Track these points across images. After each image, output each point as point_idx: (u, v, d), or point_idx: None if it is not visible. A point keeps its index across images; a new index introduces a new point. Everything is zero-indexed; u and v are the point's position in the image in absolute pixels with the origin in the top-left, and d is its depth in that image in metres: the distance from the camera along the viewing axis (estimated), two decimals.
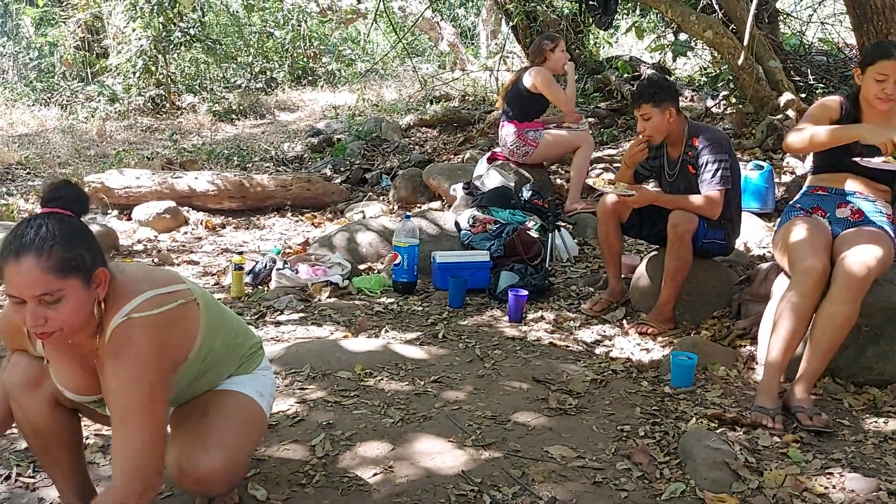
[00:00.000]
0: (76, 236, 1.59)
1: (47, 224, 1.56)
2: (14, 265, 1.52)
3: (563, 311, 3.75)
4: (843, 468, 2.27)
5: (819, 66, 7.13)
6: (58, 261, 1.53)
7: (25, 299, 1.53)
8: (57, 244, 1.54)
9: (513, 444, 2.41)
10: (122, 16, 11.31)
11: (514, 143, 5.09)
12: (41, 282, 1.52)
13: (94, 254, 1.61)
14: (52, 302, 1.54)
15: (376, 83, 12.70)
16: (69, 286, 1.55)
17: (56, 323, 1.55)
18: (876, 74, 2.82)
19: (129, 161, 7.26)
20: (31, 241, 1.53)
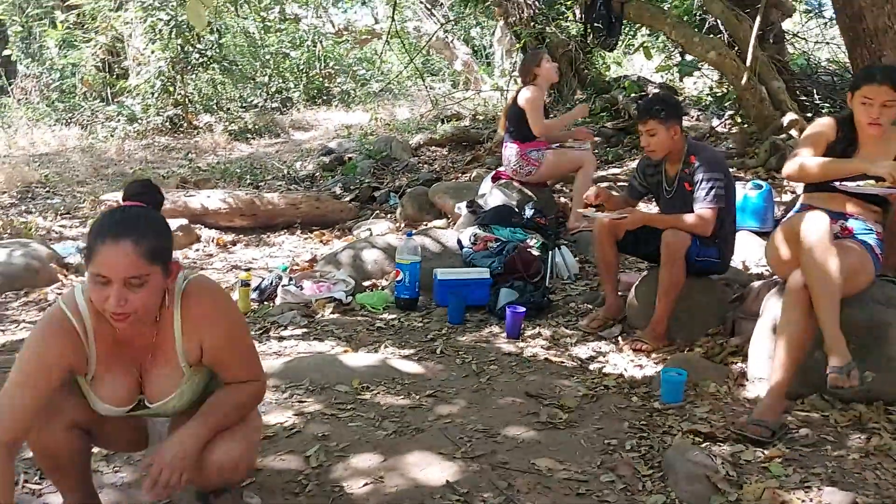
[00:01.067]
0: (164, 228, 1.77)
1: (143, 214, 1.73)
2: (112, 246, 1.63)
3: (561, 327, 3.82)
4: (822, 482, 2.31)
5: (825, 85, 7.19)
6: (150, 247, 1.66)
7: (113, 280, 1.64)
8: (150, 232, 1.69)
9: (501, 456, 2.48)
10: (142, 38, 11.59)
11: (517, 162, 5.19)
12: (134, 264, 1.64)
13: (172, 247, 1.79)
14: (136, 285, 1.66)
15: (390, 102, 12.88)
16: (154, 272, 1.68)
17: (135, 305, 1.67)
18: (862, 98, 2.88)
19: None
20: (130, 225, 1.67)
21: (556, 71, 5.35)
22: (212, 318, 1.86)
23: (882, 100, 2.83)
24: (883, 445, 2.53)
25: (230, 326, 1.90)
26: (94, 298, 1.68)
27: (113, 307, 1.65)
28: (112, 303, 1.64)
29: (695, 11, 7.66)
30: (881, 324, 2.88)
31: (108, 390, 1.86)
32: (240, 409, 1.91)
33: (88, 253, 1.67)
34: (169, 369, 1.87)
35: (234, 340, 1.91)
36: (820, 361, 2.86)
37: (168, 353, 1.86)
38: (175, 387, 1.88)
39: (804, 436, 2.64)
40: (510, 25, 9.11)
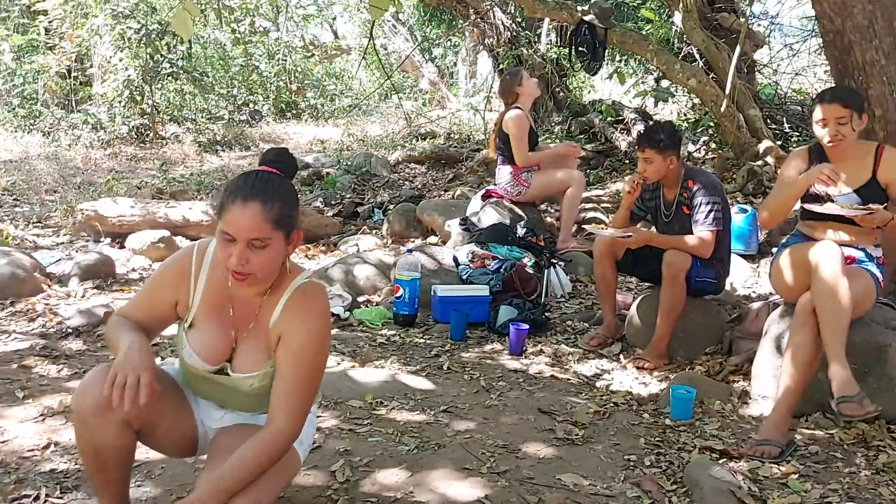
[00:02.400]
0: (292, 197, 1.80)
1: (274, 180, 1.77)
2: (241, 207, 1.69)
3: (561, 345, 3.87)
4: (841, 498, 2.39)
5: (794, 115, 7.44)
6: (277, 213, 1.71)
7: (238, 239, 1.70)
8: (280, 199, 1.73)
9: (525, 471, 2.50)
10: (109, 45, 11.38)
11: (508, 182, 5.25)
12: (260, 227, 1.70)
13: (297, 215, 1.81)
14: (259, 247, 1.71)
15: (360, 119, 12.87)
16: (276, 237, 1.73)
17: (255, 266, 1.72)
18: (817, 120, 3.03)
19: (118, 190, 7.28)
20: (261, 189, 1.72)
21: (537, 86, 5.44)
22: (305, 314, 1.84)
23: (834, 117, 2.97)
24: (892, 462, 2.62)
25: (310, 338, 1.84)
26: (220, 254, 1.75)
27: (234, 265, 1.71)
28: (234, 261, 1.71)
29: (672, 40, 7.87)
30: (881, 345, 2.99)
31: (201, 341, 1.89)
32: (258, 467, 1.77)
33: (220, 210, 1.73)
34: (261, 346, 1.88)
35: (304, 355, 1.83)
36: (823, 381, 2.95)
37: (263, 330, 1.88)
38: (262, 365, 1.89)
39: (814, 453, 2.72)
40: (489, 48, 9.21)
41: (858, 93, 3.03)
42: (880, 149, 3.08)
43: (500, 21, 8.93)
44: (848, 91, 3.06)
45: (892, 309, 3.21)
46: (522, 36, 9.03)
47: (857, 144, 3.07)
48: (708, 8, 7.22)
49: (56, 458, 2.42)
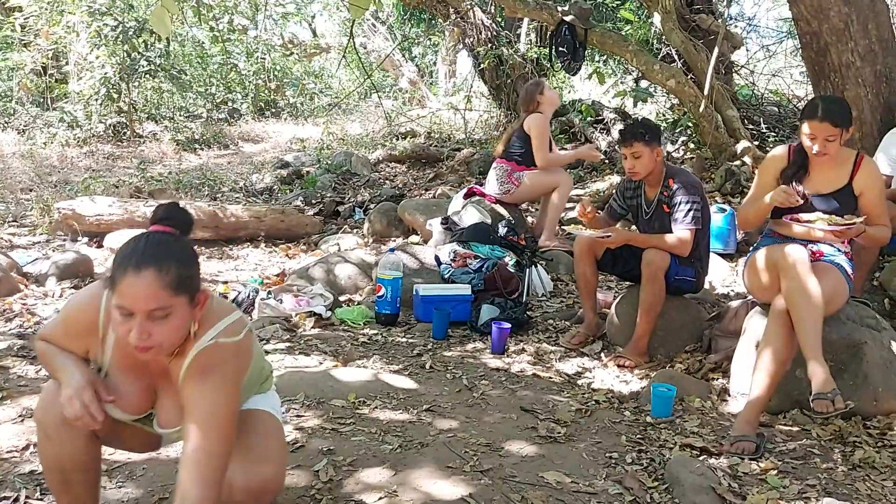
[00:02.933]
0: (190, 256, 1.67)
1: (167, 241, 1.64)
2: (133, 277, 1.57)
3: (543, 343, 3.89)
4: (819, 493, 2.43)
5: (771, 115, 7.53)
6: (175, 278, 1.59)
7: (136, 312, 1.58)
8: (176, 261, 1.61)
9: (509, 470, 2.51)
10: (86, 43, 11.26)
11: (501, 179, 5.28)
12: (157, 296, 1.57)
13: (199, 275, 1.69)
14: (160, 317, 1.59)
15: (340, 118, 12.84)
16: (178, 303, 1.61)
17: (158, 338, 1.61)
18: (806, 133, 3.04)
19: (95, 188, 7.21)
20: (153, 255, 1.59)
21: (558, 96, 5.50)
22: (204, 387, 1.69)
23: (824, 135, 2.99)
24: (867, 458, 2.66)
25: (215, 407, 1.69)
26: (118, 329, 1.63)
27: (135, 340, 1.59)
28: (134, 337, 1.59)
29: (651, 40, 7.93)
30: (856, 342, 3.04)
31: (117, 394, 1.80)
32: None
33: (111, 283, 1.60)
34: (175, 403, 1.78)
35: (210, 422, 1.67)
36: (801, 379, 3.01)
37: (174, 389, 1.77)
38: (180, 421, 1.77)
39: (792, 449, 2.76)
40: (469, 48, 9.22)
41: (847, 106, 3.04)
42: (860, 157, 3.12)
43: (481, 21, 8.95)
44: (839, 107, 3.03)
45: (867, 307, 3.27)
46: (503, 36, 9.06)
47: (839, 150, 3.11)
48: (686, 9, 7.28)
49: (35, 459, 2.40)
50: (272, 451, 1.89)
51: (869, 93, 4.10)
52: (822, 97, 3.10)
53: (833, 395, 2.62)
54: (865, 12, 4.04)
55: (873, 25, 4.06)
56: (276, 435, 1.97)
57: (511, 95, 8.96)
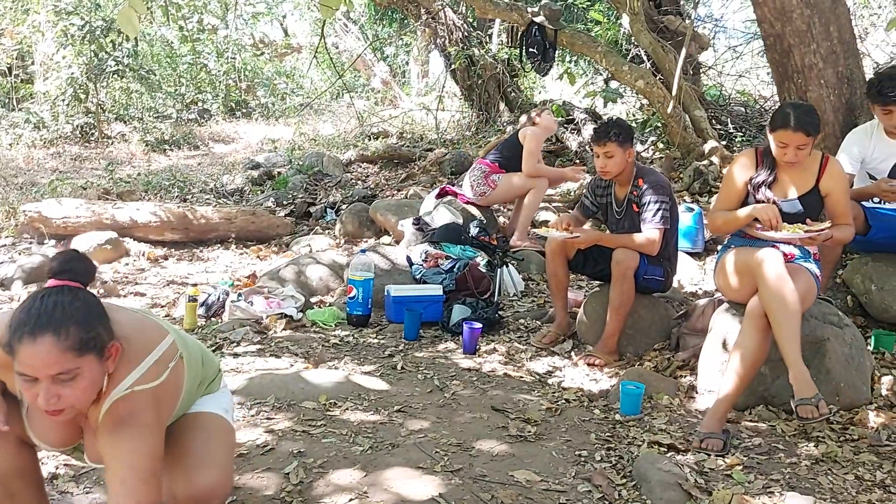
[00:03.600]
0: (92, 312, 1.57)
1: (63, 301, 1.53)
2: (30, 345, 1.48)
3: (514, 343, 3.91)
4: (783, 487, 2.48)
5: (738, 116, 7.64)
6: (76, 340, 1.51)
7: (40, 378, 1.50)
8: (75, 322, 1.51)
9: (479, 469, 2.53)
10: (52, 42, 11.09)
11: (478, 181, 5.30)
12: (59, 361, 1.49)
13: (107, 328, 1.59)
14: (67, 380, 1.51)
15: (312, 118, 12.78)
16: (85, 363, 1.53)
17: (69, 400, 1.53)
18: (777, 141, 3.07)
19: (62, 190, 7.12)
20: (49, 319, 1.49)
21: (556, 124, 5.54)
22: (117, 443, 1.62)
23: (796, 144, 3.02)
24: (830, 453, 2.72)
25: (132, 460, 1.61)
26: (25, 395, 1.56)
27: (43, 406, 1.51)
28: (42, 402, 1.50)
29: (620, 42, 8.00)
30: (820, 339, 3.10)
31: (44, 429, 1.75)
32: None
33: (9, 350, 1.50)
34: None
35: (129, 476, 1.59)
36: (766, 375, 3.08)
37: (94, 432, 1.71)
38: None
39: (757, 445, 2.81)
40: (441, 48, 9.24)
41: (817, 114, 3.09)
42: (825, 159, 3.17)
43: (452, 21, 8.97)
44: (811, 116, 3.04)
45: (829, 304, 3.33)
46: (474, 36, 9.09)
47: None
48: (654, 11, 7.36)
49: None
50: (216, 455, 1.86)
51: (831, 94, 4.17)
52: (792, 105, 3.14)
53: (817, 399, 2.67)
54: (827, 15, 4.12)
55: (835, 28, 4.14)
56: (222, 437, 1.93)
57: (483, 96, 9.00)
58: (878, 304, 3.71)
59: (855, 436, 2.88)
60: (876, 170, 3.68)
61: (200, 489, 1.77)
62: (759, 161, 3.23)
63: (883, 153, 3.64)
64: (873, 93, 3.54)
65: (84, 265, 1.63)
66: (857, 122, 4.10)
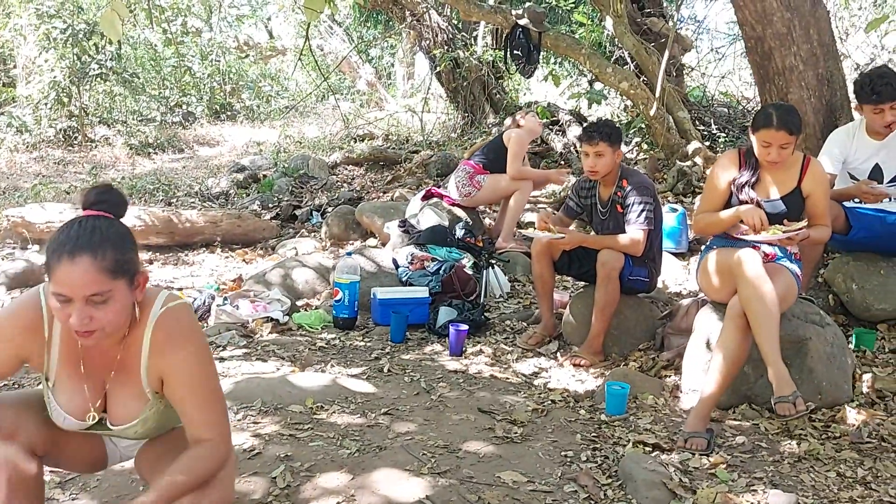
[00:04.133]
0: (126, 239, 1.65)
1: (100, 225, 1.61)
2: (68, 264, 1.54)
3: (500, 344, 3.93)
4: (766, 485, 2.51)
5: (721, 117, 7.70)
6: (112, 262, 1.57)
7: (74, 298, 1.56)
8: (111, 245, 1.58)
9: (466, 471, 2.54)
10: (34, 46, 11.01)
11: (463, 182, 5.32)
12: (95, 281, 1.55)
13: (137, 257, 1.67)
14: (100, 302, 1.58)
15: (297, 120, 12.76)
16: (118, 287, 1.60)
17: (100, 322, 1.59)
18: (761, 141, 3.11)
19: (45, 195, 7.07)
20: (88, 241, 1.56)
21: (540, 126, 5.56)
22: (178, 344, 1.73)
23: (779, 143, 3.06)
24: (812, 450, 2.76)
25: (194, 361, 1.75)
26: (57, 316, 1.60)
27: (76, 325, 1.57)
28: (75, 321, 1.56)
29: (604, 43, 8.05)
30: (801, 338, 3.14)
31: (67, 399, 1.77)
32: (198, 478, 1.71)
33: (47, 270, 1.58)
34: (133, 392, 1.77)
35: (196, 377, 1.75)
36: (749, 374, 3.11)
37: (133, 375, 1.76)
38: (138, 412, 1.79)
39: (741, 443, 2.84)
40: (426, 51, 9.25)
41: (798, 114, 3.14)
42: (807, 160, 3.22)
43: (437, 23, 8.99)
44: (793, 115, 3.10)
45: (810, 303, 3.37)
46: (459, 38, 9.11)
47: None
48: (638, 13, 7.42)
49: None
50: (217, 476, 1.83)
51: (812, 96, 4.22)
52: (774, 106, 3.18)
53: (794, 397, 2.70)
54: (807, 17, 4.17)
55: (815, 30, 4.19)
56: None
57: (468, 98, 9.02)
58: (859, 302, 3.76)
59: (837, 433, 2.92)
60: (857, 170, 3.72)
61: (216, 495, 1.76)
62: (741, 162, 3.26)
63: (864, 154, 3.69)
64: (865, 92, 3.54)
65: (118, 197, 1.71)
66: (837, 124, 4.15)
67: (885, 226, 3.63)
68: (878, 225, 3.64)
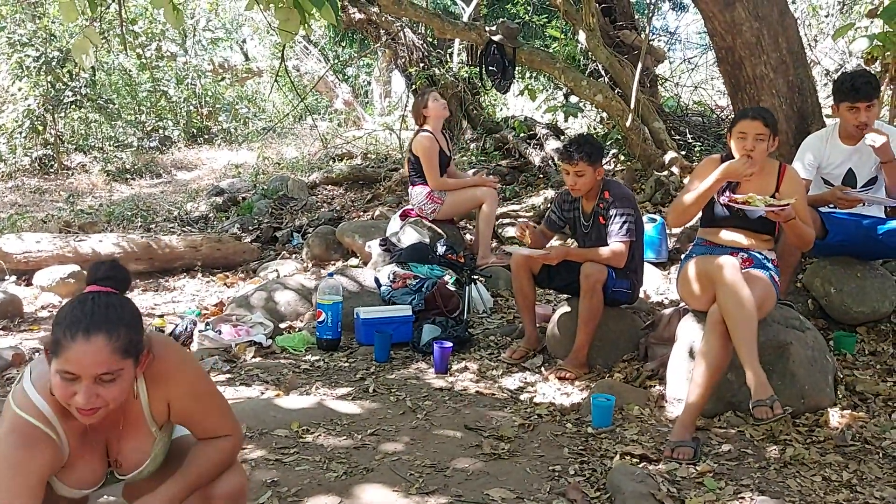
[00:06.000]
0: (137, 318, 1.66)
1: (113, 303, 1.62)
2: (83, 343, 1.54)
3: (485, 360, 3.93)
4: (753, 492, 2.52)
5: (696, 126, 7.78)
6: (125, 342, 1.58)
7: (83, 377, 1.55)
8: (125, 326, 1.59)
9: (455, 489, 2.54)
10: (7, 75, 10.94)
11: (422, 201, 5.30)
12: (107, 362, 1.56)
13: (143, 336, 1.67)
14: (108, 381, 1.58)
15: (275, 141, 12.74)
16: (127, 366, 1.61)
17: (105, 399, 1.59)
18: (737, 133, 3.22)
19: (22, 224, 7.00)
20: (104, 320, 1.57)
21: (445, 107, 5.49)
22: (174, 372, 1.77)
23: (754, 133, 3.16)
24: (797, 455, 2.78)
25: (194, 379, 1.83)
26: (59, 394, 1.58)
27: (83, 404, 1.56)
28: (81, 400, 1.56)
29: (578, 57, 8.12)
30: (783, 343, 3.17)
31: (77, 476, 1.75)
32: (217, 467, 1.84)
33: (55, 347, 1.56)
34: (140, 438, 1.79)
35: (200, 394, 1.83)
36: (733, 382, 3.13)
37: (138, 423, 1.77)
38: (148, 453, 1.81)
39: (727, 451, 2.85)
40: (401, 68, 9.29)
41: (775, 117, 3.24)
42: (783, 167, 3.30)
43: (412, 41, 9.03)
44: (769, 113, 3.25)
45: (791, 308, 3.41)
46: (434, 56, 9.16)
47: (765, 161, 3.25)
48: (610, 26, 7.49)
49: None
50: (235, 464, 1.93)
51: (783, 103, 4.29)
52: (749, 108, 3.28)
53: (772, 401, 2.73)
54: (775, 27, 4.24)
55: (783, 39, 4.26)
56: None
57: None
58: (837, 306, 3.80)
59: (821, 437, 2.95)
60: (831, 175, 3.78)
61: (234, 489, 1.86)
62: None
63: (838, 159, 3.74)
64: (845, 88, 3.58)
65: (124, 274, 1.74)
66: (809, 130, 4.22)
67: (860, 229, 3.68)
68: (854, 229, 3.69)
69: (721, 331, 2.91)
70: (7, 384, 3.54)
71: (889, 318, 3.86)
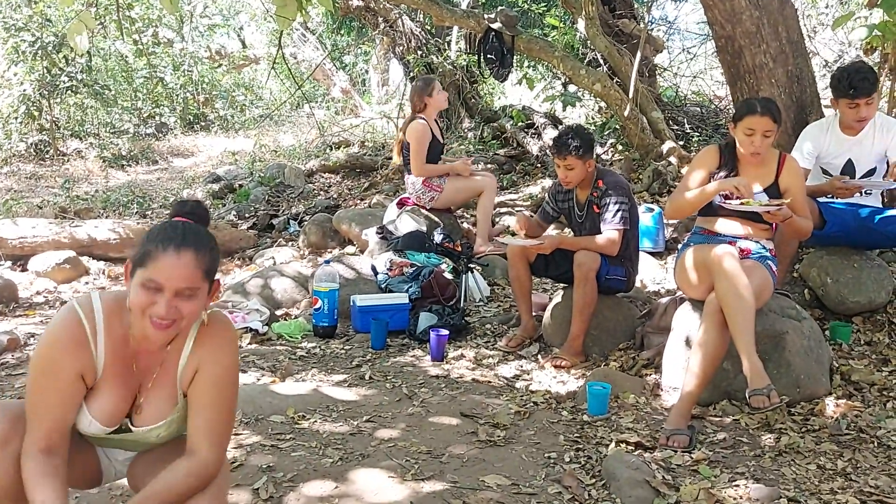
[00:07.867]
0: (217, 248, 1.77)
1: (201, 230, 1.74)
2: (174, 256, 1.63)
3: (481, 348, 3.93)
4: (748, 480, 2.52)
5: (694, 116, 7.77)
6: (209, 262, 1.69)
7: (166, 288, 1.63)
8: (209, 250, 1.71)
9: (450, 475, 2.54)
10: (2, 59, 10.88)
11: (419, 189, 5.28)
12: (192, 277, 1.65)
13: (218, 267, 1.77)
14: (186, 297, 1.65)
15: (272, 129, 12.70)
16: (204, 287, 1.70)
17: (181, 313, 1.66)
18: (744, 129, 3.17)
19: (17, 210, 6.97)
20: (194, 239, 1.68)
21: (446, 99, 5.49)
22: (222, 342, 1.82)
23: (763, 129, 3.13)
24: (792, 444, 2.78)
25: (230, 366, 1.83)
26: (138, 302, 1.65)
27: (161, 313, 1.63)
28: (160, 310, 1.63)
29: (576, 46, 8.09)
30: (779, 332, 3.17)
31: (101, 405, 1.78)
32: (184, 493, 1.72)
33: (142, 257, 1.64)
34: (165, 395, 1.82)
35: (224, 384, 1.81)
36: (729, 371, 3.13)
37: (170, 376, 1.81)
38: (167, 414, 1.83)
39: (722, 439, 2.86)
40: (399, 56, 9.26)
41: (779, 107, 3.20)
42: (783, 156, 3.29)
43: (410, 29, 9.00)
44: (775, 106, 3.18)
45: (787, 298, 3.41)
46: (432, 44, 9.12)
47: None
48: (609, 15, 7.46)
49: None
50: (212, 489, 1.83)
51: (782, 93, 4.27)
52: (754, 98, 3.24)
53: (768, 390, 2.73)
54: (775, 16, 4.22)
55: (783, 28, 4.25)
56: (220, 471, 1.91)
57: None
58: (834, 296, 3.80)
59: (816, 426, 2.95)
60: (830, 165, 3.77)
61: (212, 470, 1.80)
62: (721, 158, 3.31)
63: (837, 149, 3.74)
64: (843, 86, 3.56)
65: (205, 213, 1.86)
66: (807, 120, 4.21)
67: (858, 220, 3.68)
68: (852, 219, 3.69)
69: (719, 320, 2.91)
70: (3, 368, 3.53)
71: (885, 308, 3.86)
